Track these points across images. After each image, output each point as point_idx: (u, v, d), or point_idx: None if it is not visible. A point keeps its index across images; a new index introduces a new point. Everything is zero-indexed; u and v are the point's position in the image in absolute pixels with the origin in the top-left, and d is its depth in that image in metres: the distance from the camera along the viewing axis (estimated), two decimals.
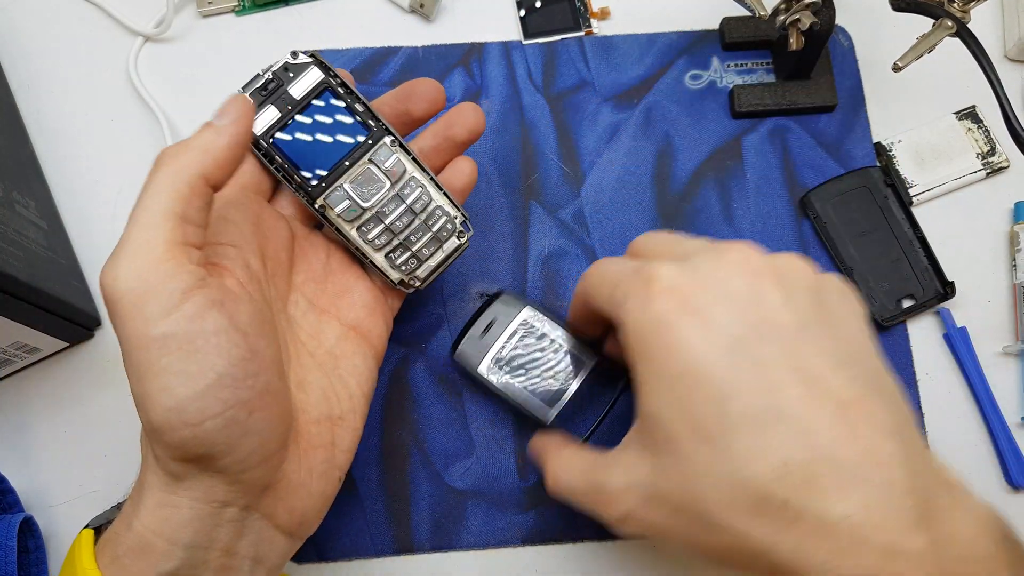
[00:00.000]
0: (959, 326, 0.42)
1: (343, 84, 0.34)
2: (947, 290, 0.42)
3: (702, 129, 0.45)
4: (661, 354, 0.27)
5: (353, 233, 0.35)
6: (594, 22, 0.47)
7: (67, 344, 0.40)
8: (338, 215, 0.35)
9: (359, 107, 0.34)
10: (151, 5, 0.45)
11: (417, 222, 0.36)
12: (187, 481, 0.27)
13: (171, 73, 0.45)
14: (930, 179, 0.44)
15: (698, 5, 0.47)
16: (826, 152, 0.44)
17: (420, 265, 0.36)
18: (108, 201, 0.43)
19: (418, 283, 0.37)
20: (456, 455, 0.40)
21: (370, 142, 0.35)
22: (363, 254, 0.36)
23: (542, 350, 0.38)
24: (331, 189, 0.34)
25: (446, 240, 0.36)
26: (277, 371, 0.29)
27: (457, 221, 0.36)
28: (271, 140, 0.34)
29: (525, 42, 0.46)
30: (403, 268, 0.36)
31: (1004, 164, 0.44)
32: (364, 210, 0.35)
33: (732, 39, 0.46)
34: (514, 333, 0.38)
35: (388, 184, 0.35)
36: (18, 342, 0.37)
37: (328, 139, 0.34)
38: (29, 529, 0.38)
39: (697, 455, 0.26)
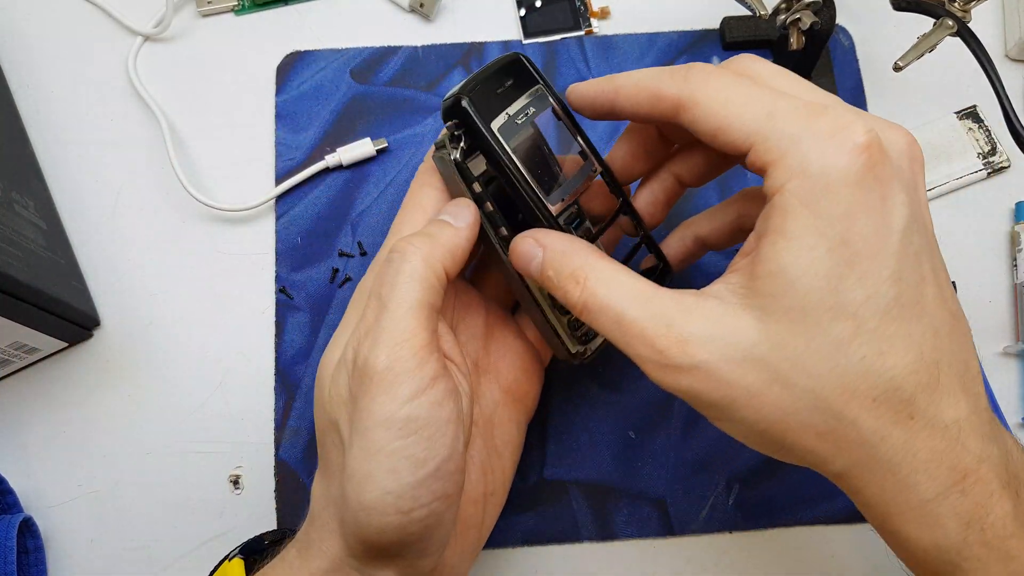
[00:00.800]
0: None
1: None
2: None
3: None
4: (844, 213, 0.24)
5: (540, 295, 0.33)
6: (594, 22, 0.47)
7: (66, 344, 0.40)
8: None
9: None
10: (150, 5, 0.45)
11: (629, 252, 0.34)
12: (366, 566, 0.27)
13: (170, 73, 0.45)
14: (931, 179, 0.44)
15: (698, 5, 0.47)
16: None
17: (596, 336, 0.34)
18: (108, 201, 0.43)
19: (589, 355, 0.34)
20: None
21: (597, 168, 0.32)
22: (546, 319, 0.33)
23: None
24: (563, 206, 0.32)
25: (652, 277, 0.33)
26: (466, 460, 0.29)
27: (658, 261, 0.35)
28: (515, 147, 0.30)
29: (525, 41, 0.46)
30: (581, 338, 0.33)
31: (1005, 164, 0.44)
32: (590, 235, 0.32)
33: (733, 39, 0.45)
34: (533, 110, 0.31)
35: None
36: (17, 342, 0.37)
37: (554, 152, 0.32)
38: (28, 529, 0.38)
39: (833, 331, 0.24)
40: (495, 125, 0.30)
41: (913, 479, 0.24)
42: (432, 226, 0.30)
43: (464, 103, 0.29)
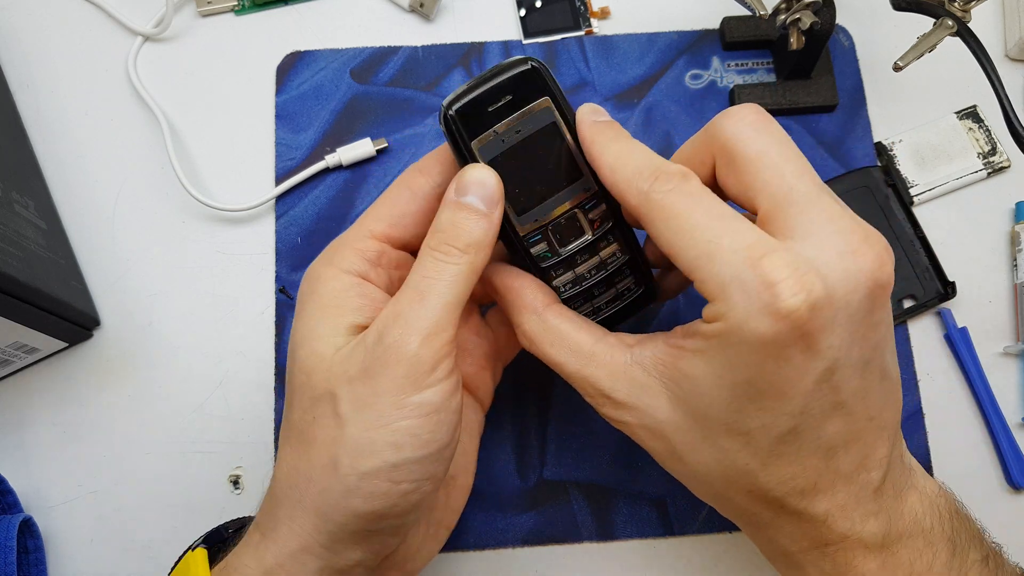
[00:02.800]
0: (960, 326, 0.42)
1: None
2: (948, 290, 0.42)
3: None
4: (756, 364, 0.25)
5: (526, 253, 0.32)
6: (594, 21, 0.47)
7: (66, 344, 0.40)
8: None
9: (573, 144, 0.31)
10: (150, 5, 0.45)
11: (603, 276, 0.33)
12: (335, 544, 0.28)
13: (170, 73, 0.45)
14: (931, 179, 0.44)
15: (698, 5, 0.47)
16: (827, 152, 0.44)
17: (597, 317, 0.34)
18: (108, 201, 0.43)
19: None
20: None
21: (592, 188, 0.31)
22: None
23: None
24: (532, 228, 0.31)
25: (625, 300, 0.34)
26: None
27: (635, 287, 0.34)
28: (494, 164, 0.30)
29: (525, 41, 0.46)
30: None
31: (1005, 164, 0.44)
32: (559, 256, 0.32)
33: (732, 39, 0.45)
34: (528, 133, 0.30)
35: (590, 235, 0.32)
36: (17, 342, 0.37)
37: (548, 173, 0.31)
38: (28, 529, 0.38)
39: (723, 442, 0.28)
40: (476, 144, 0.30)
41: (780, 540, 0.29)
42: (475, 224, 0.29)
43: (450, 114, 0.29)
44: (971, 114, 0.45)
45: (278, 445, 0.30)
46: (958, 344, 0.41)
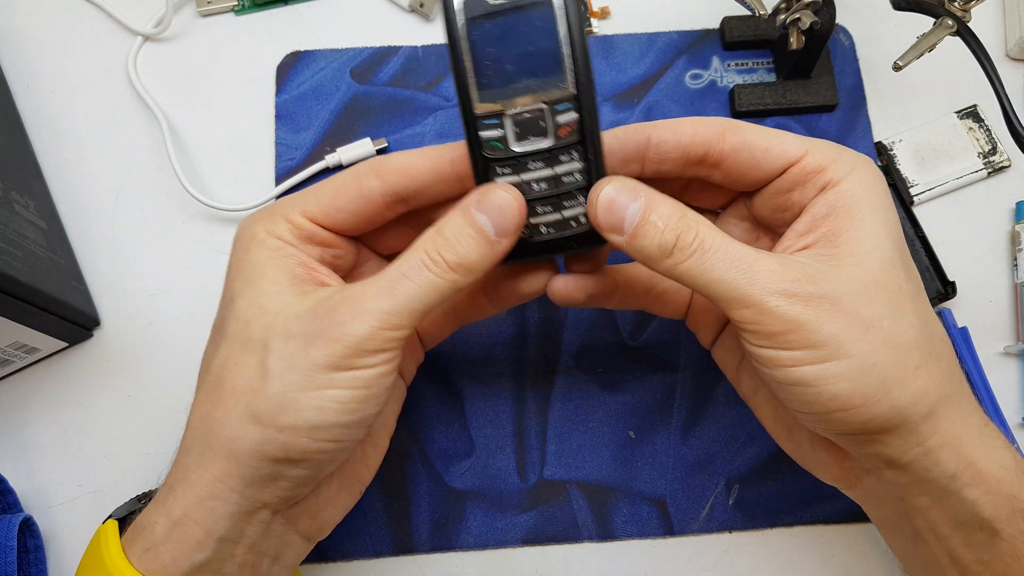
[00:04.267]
0: (960, 326, 0.42)
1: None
2: (948, 290, 0.42)
3: None
4: (889, 207, 0.29)
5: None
6: (594, 21, 0.47)
7: (66, 344, 0.40)
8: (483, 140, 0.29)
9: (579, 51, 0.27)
10: (150, 4, 0.45)
11: (552, 192, 0.30)
12: (248, 487, 0.28)
13: (170, 73, 0.45)
14: (931, 179, 0.44)
15: (698, 4, 0.47)
16: None
17: (531, 237, 0.31)
18: (108, 201, 0.43)
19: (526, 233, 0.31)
20: (456, 455, 0.40)
21: (567, 90, 0.28)
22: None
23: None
24: (489, 109, 0.28)
25: (567, 231, 0.30)
26: None
27: (585, 221, 0.30)
28: (472, 24, 0.27)
29: None
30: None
31: (1005, 163, 0.44)
32: (510, 152, 0.29)
33: (732, 38, 0.45)
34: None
35: (552, 141, 0.29)
36: (17, 342, 0.37)
37: (526, 55, 0.28)
38: (29, 529, 0.38)
39: (903, 302, 0.28)
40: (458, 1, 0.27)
41: (970, 411, 0.29)
42: (476, 247, 0.28)
43: None
44: (971, 114, 0.45)
45: (195, 392, 0.30)
46: (958, 344, 0.41)
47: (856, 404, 0.27)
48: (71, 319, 0.39)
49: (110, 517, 0.31)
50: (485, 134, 0.29)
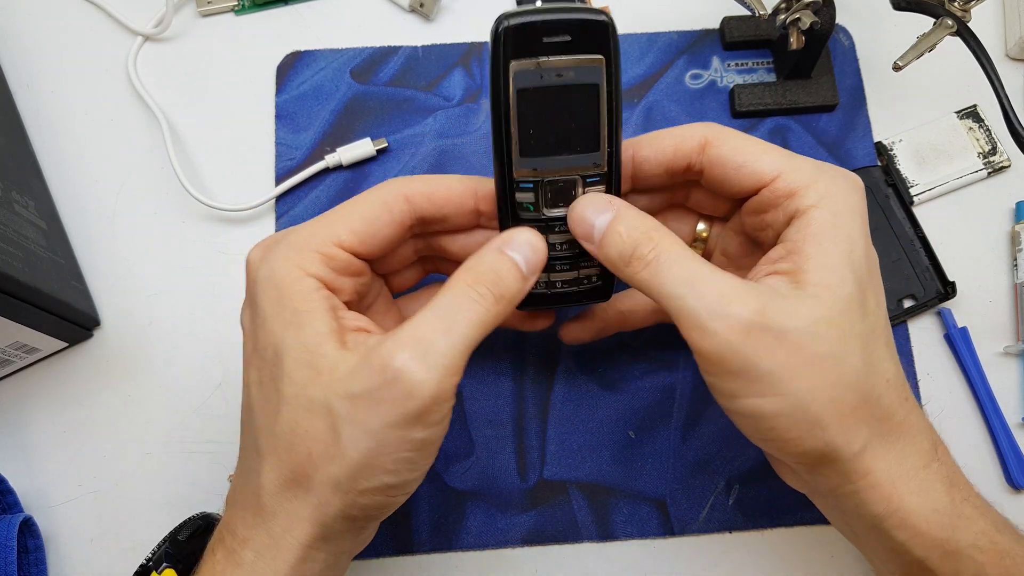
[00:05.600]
0: (960, 326, 0.42)
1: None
2: (948, 290, 0.42)
3: None
4: (860, 235, 0.29)
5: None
6: None
7: (66, 344, 0.40)
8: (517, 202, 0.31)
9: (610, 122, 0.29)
10: (150, 5, 0.45)
11: (571, 253, 0.32)
12: (332, 542, 0.29)
13: (170, 73, 0.45)
14: (931, 179, 0.44)
15: (698, 5, 0.47)
16: (827, 152, 0.44)
17: (549, 290, 0.33)
18: (108, 201, 0.43)
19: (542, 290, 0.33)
20: (456, 455, 0.40)
21: (601, 167, 0.30)
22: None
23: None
24: (527, 175, 0.30)
25: (581, 286, 0.33)
26: None
27: (596, 279, 0.33)
28: (522, 94, 0.28)
29: None
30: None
31: (1005, 163, 0.44)
32: (540, 215, 0.31)
33: (732, 38, 0.45)
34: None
35: None
36: (17, 342, 0.37)
37: (568, 131, 0.30)
38: (29, 529, 0.38)
39: (864, 327, 0.28)
40: (515, 65, 0.28)
41: (910, 451, 0.29)
42: (515, 280, 0.29)
43: (505, 25, 0.27)
44: (971, 114, 0.45)
45: (259, 454, 0.29)
46: (958, 344, 0.41)
47: (792, 437, 0.28)
48: (71, 319, 0.39)
49: (165, 566, 0.33)
50: (519, 196, 0.30)
